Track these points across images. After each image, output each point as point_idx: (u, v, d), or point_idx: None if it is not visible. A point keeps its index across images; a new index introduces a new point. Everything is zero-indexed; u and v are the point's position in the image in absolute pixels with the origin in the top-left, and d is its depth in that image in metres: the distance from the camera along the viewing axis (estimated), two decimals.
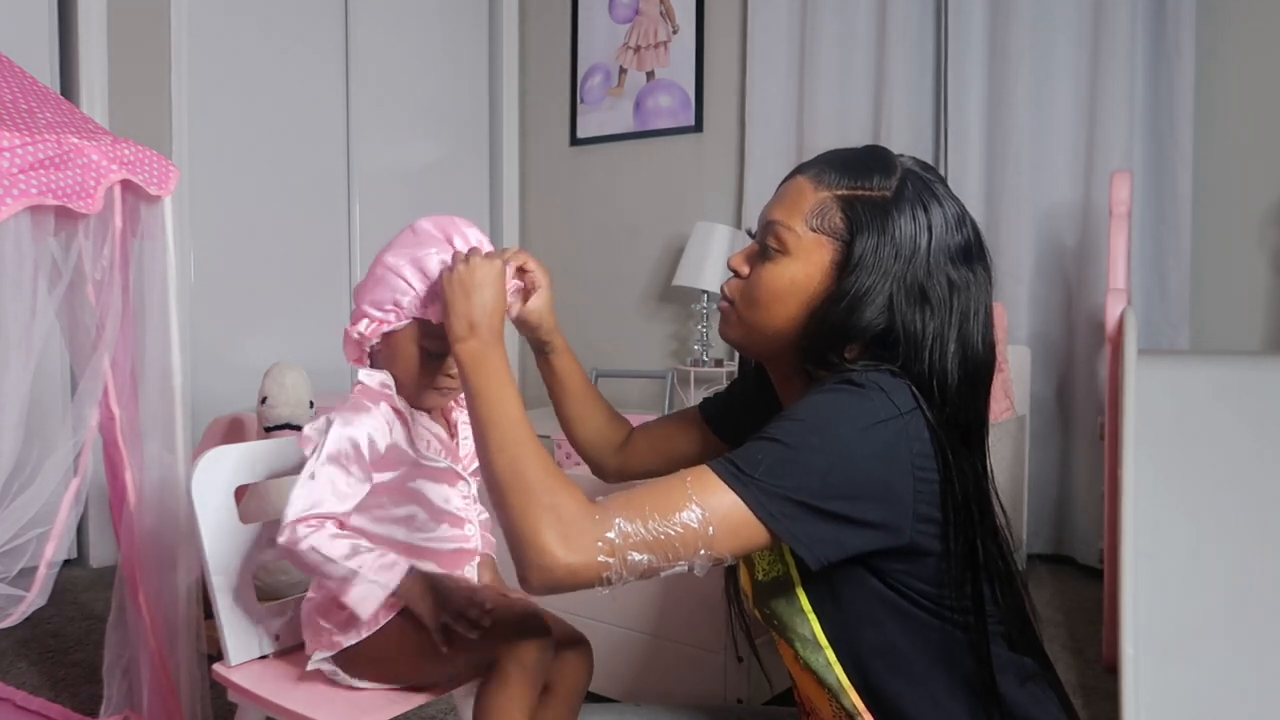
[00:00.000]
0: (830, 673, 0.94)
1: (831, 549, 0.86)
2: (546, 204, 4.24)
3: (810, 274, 0.95)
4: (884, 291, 0.91)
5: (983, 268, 0.96)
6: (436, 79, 4.07)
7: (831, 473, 0.85)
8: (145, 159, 1.60)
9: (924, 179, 0.96)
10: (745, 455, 0.87)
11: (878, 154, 0.99)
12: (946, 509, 0.89)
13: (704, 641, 1.77)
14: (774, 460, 0.85)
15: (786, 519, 0.84)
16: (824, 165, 0.98)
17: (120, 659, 1.69)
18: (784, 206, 0.97)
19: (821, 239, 0.94)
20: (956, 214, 0.95)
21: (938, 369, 0.91)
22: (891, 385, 0.89)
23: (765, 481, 0.84)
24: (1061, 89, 2.92)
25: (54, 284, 1.50)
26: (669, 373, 3.56)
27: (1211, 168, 2.75)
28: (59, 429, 1.53)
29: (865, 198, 0.94)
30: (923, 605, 0.92)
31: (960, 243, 0.94)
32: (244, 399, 2.96)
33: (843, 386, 0.89)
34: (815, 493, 0.84)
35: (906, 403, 0.89)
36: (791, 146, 3.48)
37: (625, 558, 0.83)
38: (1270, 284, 2.71)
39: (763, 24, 3.50)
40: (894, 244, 0.92)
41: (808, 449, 0.85)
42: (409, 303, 1.17)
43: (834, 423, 0.86)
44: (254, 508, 2.12)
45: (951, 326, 0.92)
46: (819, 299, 0.94)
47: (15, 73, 1.60)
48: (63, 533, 1.52)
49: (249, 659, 1.32)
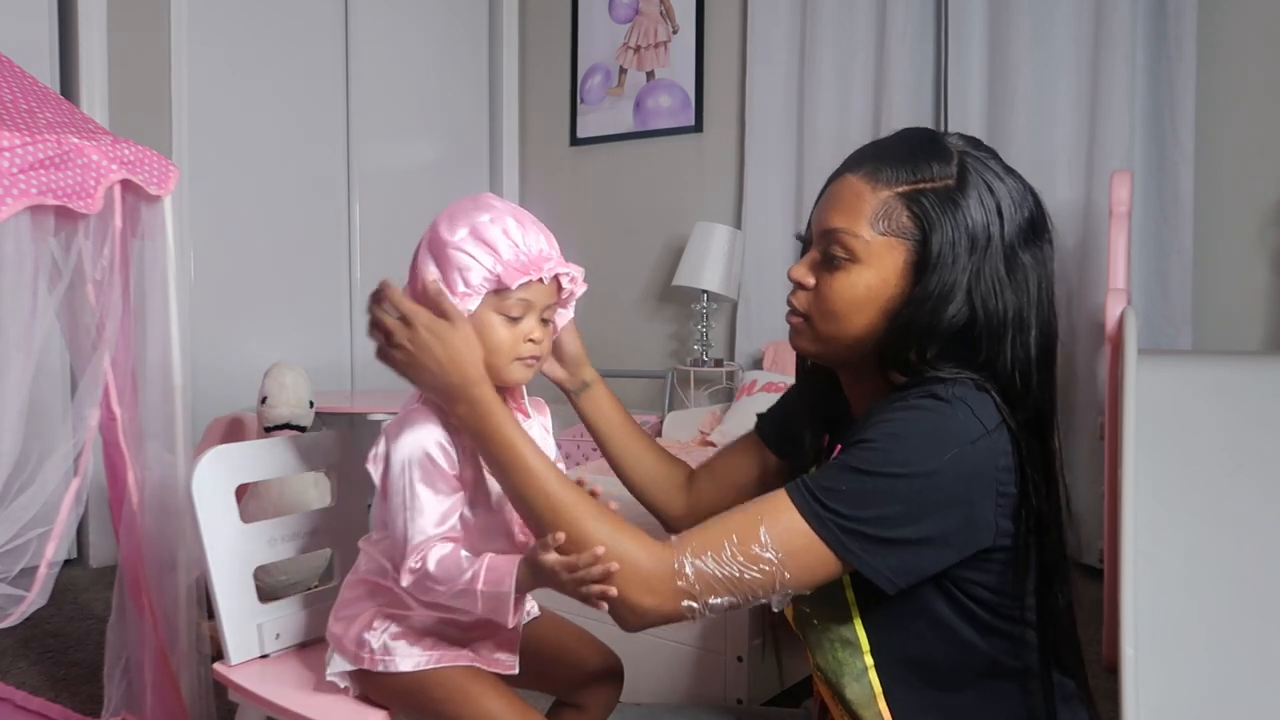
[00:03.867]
0: (864, 679, 0.93)
1: (910, 576, 0.86)
2: (546, 204, 4.24)
3: (885, 279, 0.91)
4: (963, 285, 0.88)
5: (1048, 241, 0.93)
6: (436, 79, 4.07)
7: (916, 498, 0.83)
8: (145, 159, 1.60)
9: (979, 158, 0.92)
10: (825, 484, 0.85)
11: (926, 139, 0.94)
12: (1020, 521, 0.88)
13: (704, 641, 1.77)
14: (855, 490, 0.84)
15: (866, 554, 0.83)
16: (874, 161, 0.93)
17: (120, 659, 1.69)
18: (843, 212, 0.92)
19: (891, 241, 0.90)
20: (1019, 189, 0.92)
21: (1020, 357, 0.89)
22: (976, 400, 0.87)
23: (846, 516, 0.83)
24: (1061, 89, 2.92)
25: (54, 284, 1.50)
26: (669, 373, 3.56)
27: (1212, 168, 2.75)
28: (59, 429, 1.53)
29: (929, 190, 0.90)
30: (975, 617, 0.90)
31: (1027, 218, 0.91)
32: (244, 399, 2.96)
33: (926, 403, 0.86)
34: (896, 521, 0.83)
35: (991, 418, 0.87)
36: (791, 146, 3.47)
37: (706, 601, 0.84)
38: (1270, 284, 2.71)
39: (763, 24, 3.50)
40: (968, 234, 0.88)
41: (891, 477, 0.83)
42: (479, 278, 1.08)
43: (920, 447, 0.84)
44: (254, 508, 2.12)
45: (1030, 308, 0.90)
46: (897, 302, 0.91)
47: (15, 73, 1.60)
48: (63, 533, 1.51)
49: (249, 659, 1.32)
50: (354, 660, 1.17)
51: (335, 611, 1.21)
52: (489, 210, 1.11)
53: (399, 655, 1.14)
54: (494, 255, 1.08)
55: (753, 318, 3.54)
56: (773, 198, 3.50)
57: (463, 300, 1.07)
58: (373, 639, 1.15)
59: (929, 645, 0.91)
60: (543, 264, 1.09)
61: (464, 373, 0.97)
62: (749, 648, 1.72)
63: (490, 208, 1.11)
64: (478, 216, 1.10)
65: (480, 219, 1.09)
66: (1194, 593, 1.54)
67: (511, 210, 1.12)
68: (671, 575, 0.84)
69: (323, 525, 1.44)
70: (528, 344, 1.11)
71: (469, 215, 1.10)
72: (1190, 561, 1.57)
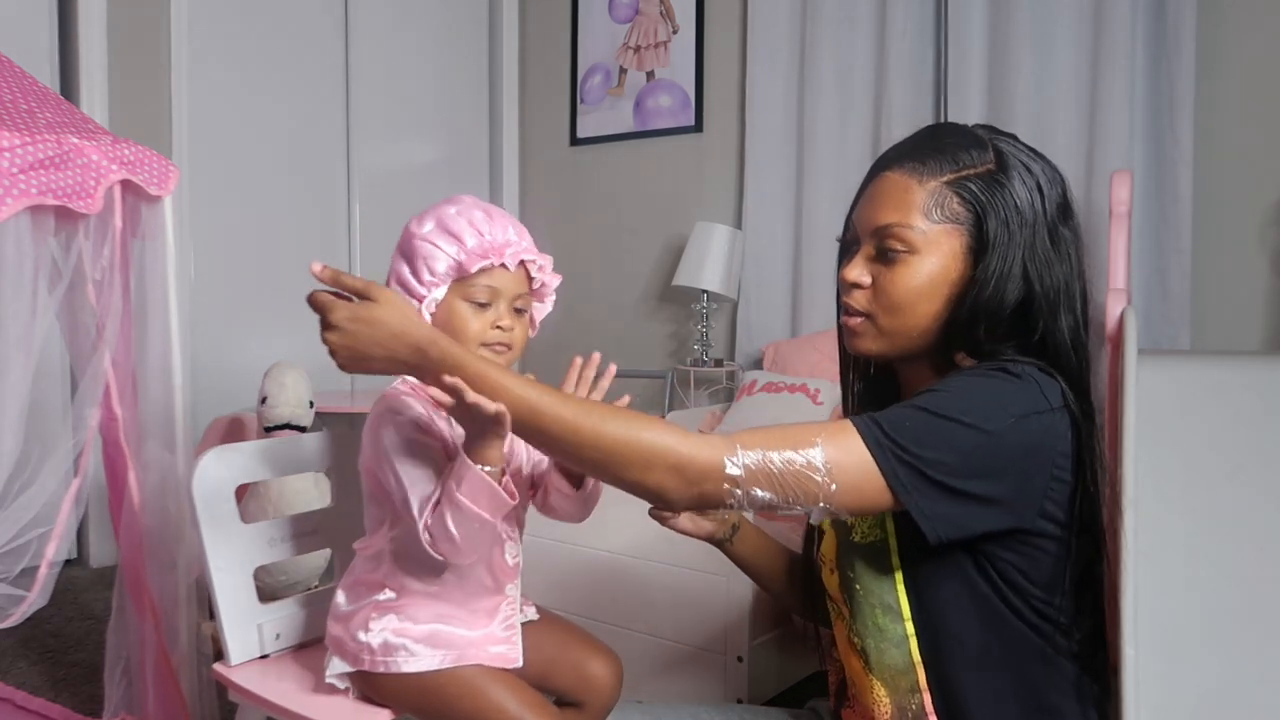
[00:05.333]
0: (904, 645, 0.94)
1: (955, 529, 0.87)
2: (546, 204, 4.24)
3: (946, 264, 0.93)
4: (1019, 262, 0.91)
5: (1076, 220, 0.96)
6: (436, 79, 4.07)
7: (976, 452, 0.85)
8: (145, 159, 1.60)
9: (1009, 141, 0.95)
10: (891, 418, 0.87)
11: (956, 130, 0.97)
12: (1072, 514, 0.90)
13: (704, 641, 1.77)
14: (920, 428, 0.85)
15: (917, 492, 0.84)
16: (912, 157, 0.95)
17: (120, 659, 1.69)
18: (892, 207, 0.94)
19: (947, 228, 0.93)
20: (1049, 169, 0.95)
21: (1072, 325, 0.93)
22: (1045, 381, 0.90)
23: (906, 449, 0.84)
24: (1062, 89, 2.92)
25: (54, 284, 1.50)
26: (669, 373, 3.56)
27: (1211, 168, 2.75)
28: (59, 429, 1.53)
29: (974, 176, 0.93)
30: (1013, 606, 0.92)
31: (1060, 194, 0.95)
32: (244, 399, 2.96)
33: (998, 373, 0.90)
34: (953, 470, 0.85)
35: (1057, 399, 0.89)
36: (791, 146, 3.47)
37: (749, 491, 0.84)
38: (1270, 284, 2.71)
39: (762, 24, 3.49)
40: (1018, 213, 0.92)
41: (957, 424, 0.85)
42: (444, 266, 1.10)
43: (989, 404, 0.86)
44: (254, 508, 2.12)
45: (1075, 279, 0.94)
46: (959, 286, 0.93)
47: (15, 73, 1.60)
48: (63, 533, 1.51)
49: (249, 659, 1.32)
50: (354, 662, 1.17)
51: (332, 614, 1.22)
52: (457, 204, 1.14)
53: (403, 656, 1.14)
54: (458, 244, 1.11)
55: (753, 318, 3.54)
56: (773, 197, 3.49)
57: (429, 289, 1.10)
58: (373, 639, 1.15)
59: (965, 617, 0.92)
60: (505, 249, 1.12)
61: (410, 340, 0.90)
62: (749, 648, 1.72)
63: (459, 201, 1.15)
64: (445, 209, 1.13)
65: (447, 211, 1.13)
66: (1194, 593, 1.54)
67: (481, 205, 1.16)
68: (721, 460, 0.84)
69: (322, 525, 1.44)
70: (495, 330, 1.13)
71: (437, 210, 1.14)
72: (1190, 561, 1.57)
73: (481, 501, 1.01)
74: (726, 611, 1.72)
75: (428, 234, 1.12)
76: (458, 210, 1.13)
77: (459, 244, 1.11)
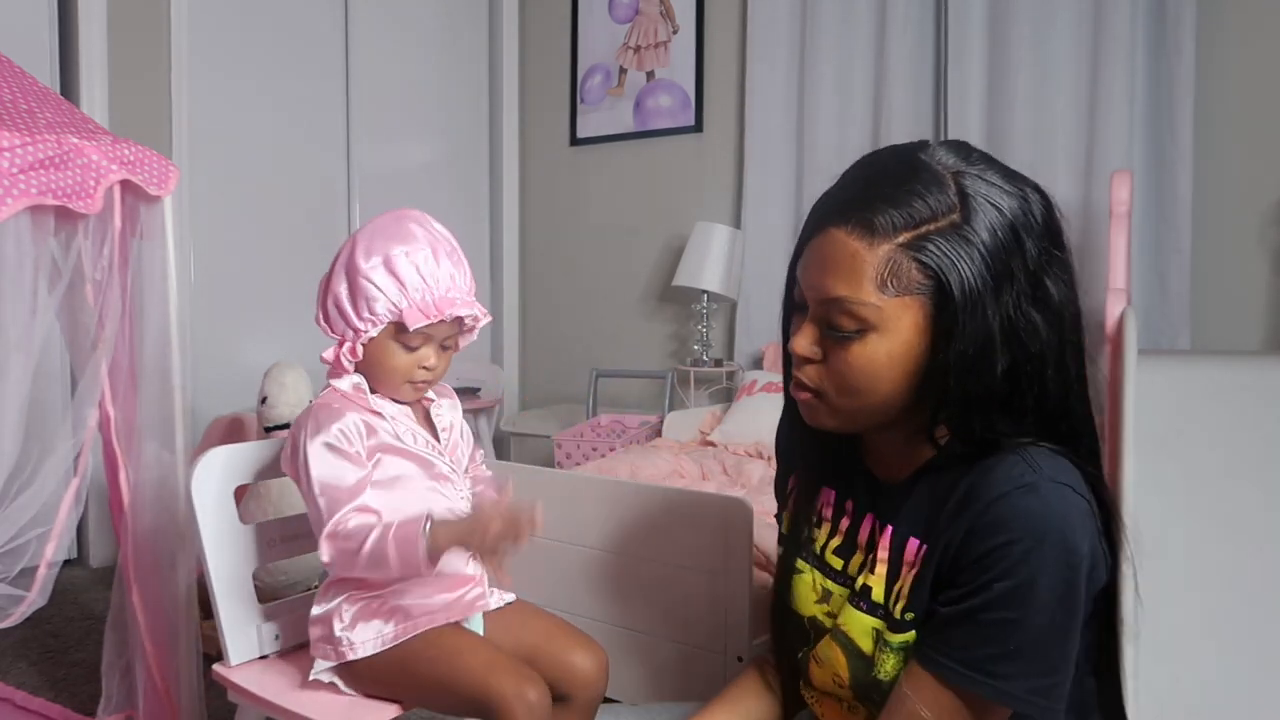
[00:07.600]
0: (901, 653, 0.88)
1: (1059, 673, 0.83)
2: (546, 204, 4.24)
3: (906, 340, 0.81)
4: (997, 334, 0.79)
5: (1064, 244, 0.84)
6: (436, 79, 4.07)
7: (1052, 645, 0.81)
8: (145, 159, 1.60)
9: (975, 173, 0.81)
10: (966, 651, 0.81)
11: (909, 166, 0.82)
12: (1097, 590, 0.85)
13: (704, 641, 1.77)
14: (996, 655, 0.80)
15: (1012, 699, 0.81)
16: (861, 209, 0.81)
17: (120, 659, 1.69)
18: (841, 277, 0.81)
19: (905, 300, 0.80)
20: (1024, 197, 0.81)
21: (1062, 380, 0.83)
22: (1058, 468, 0.81)
23: (998, 684, 0.80)
24: (1061, 89, 2.92)
25: (54, 284, 1.50)
26: (669, 373, 3.56)
27: (1211, 168, 2.75)
28: (59, 429, 1.53)
29: (934, 232, 0.79)
30: None
31: (1040, 225, 0.82)
32: (244, 399, 2.96)
33: (1029, 502, 0.79)
34: (1036, 669, 0.81)
35: (1080, 486, 0.82)
36: (791, 146, 3.47)
37: None
38: (1270, 284, 2.71)
39: (763, 24, 3.49)
40: (989, 271, 0.78)
41: (1026, 639, 0.79)
42: (383, 309, 1.16)
43: (1036, 610, 0.79)
44: (254, 508, 2.12)
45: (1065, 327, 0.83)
46: (924, 358, 0.82)
47: (15, 73, 1.60)
48: (63, 533, 1.51)
49: (248, 659, 1.32)
50: (336, 657, 1.21)
51: (310, 619, 1.25)
52: (407, 241, 1.16)
53: (373, 635, 1.19)
54: (401, 291, 1.16)
55: (752, 318, 3.54)
56: (773, 197, 3.49)
57: (366, 326, 1.17)
58: (346, 633, 1.20)
59: None
60: (445, 308, 1.17)
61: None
62: (749, 648, 1.72)
63: (409, 238, 1.17)
64: (392, 248, 1.16)
65: (395, 250, 1.16)
66: (1194, 593, 1.54)
67: (429, 239, 1.18)
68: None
69: None
70: (421, 370, 1.22)
71: (386, 243, 1.16)
72: (1190, 561, 1.57)
73: (404, 560, 1.10)
74: (726, 611, 1.72)
75: (372, 273, 1.15)
76: (408, 251, 1.16)
77: (402, 292, 1.15)
